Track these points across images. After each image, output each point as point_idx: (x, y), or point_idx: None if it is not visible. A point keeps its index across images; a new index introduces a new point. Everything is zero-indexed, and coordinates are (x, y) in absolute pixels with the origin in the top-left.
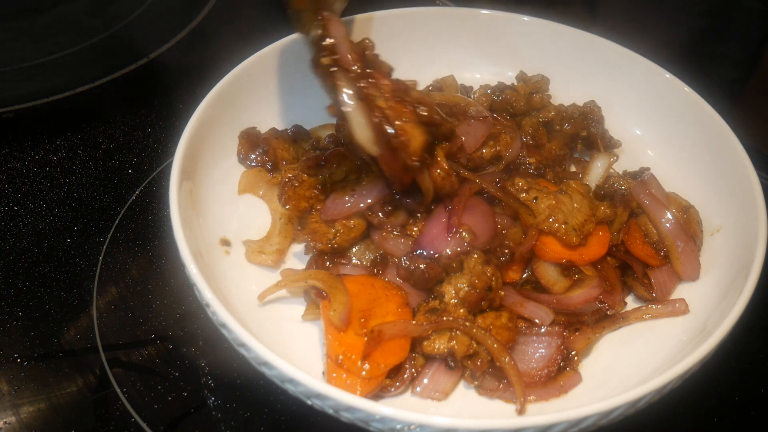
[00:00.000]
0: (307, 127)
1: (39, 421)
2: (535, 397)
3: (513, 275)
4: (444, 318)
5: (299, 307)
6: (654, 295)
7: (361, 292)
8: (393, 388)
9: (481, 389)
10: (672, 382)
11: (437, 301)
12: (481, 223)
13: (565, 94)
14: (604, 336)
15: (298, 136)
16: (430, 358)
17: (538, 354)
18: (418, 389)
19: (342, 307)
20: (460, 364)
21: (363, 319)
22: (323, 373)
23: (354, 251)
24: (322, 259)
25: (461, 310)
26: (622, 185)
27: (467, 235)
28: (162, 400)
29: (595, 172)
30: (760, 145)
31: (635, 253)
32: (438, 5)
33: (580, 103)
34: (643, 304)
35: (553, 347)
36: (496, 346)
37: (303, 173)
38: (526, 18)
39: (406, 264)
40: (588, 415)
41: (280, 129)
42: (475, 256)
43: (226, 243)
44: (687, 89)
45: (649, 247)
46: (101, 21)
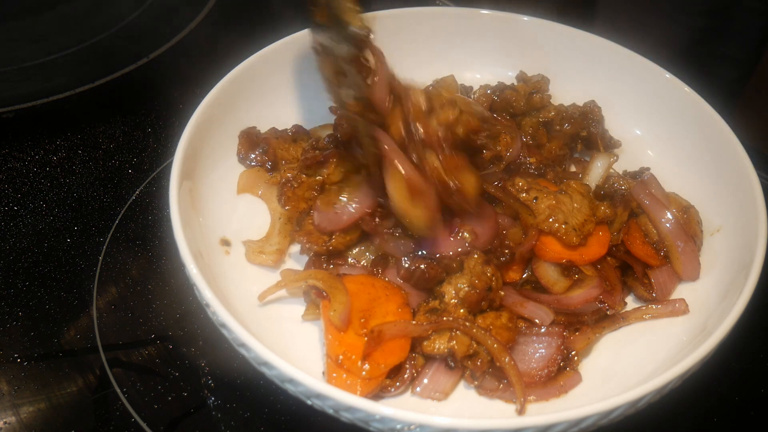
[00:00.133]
0: (307, 127)
1: (39, 421)
2: (535, 397)
3: (513, 275)
4: (444, 318)
5: (299, 307)
6: (654, 295)
7: (361, 292)
8: (393, 388)
9: (481, 389)
10: (672, 382)
11: (437, 301)
12: (482, 223)
13: (565, 94)
14: (604, 336)
15: (298, 136)
16: (430, 358)
17: (538, 354)
18: (418, 389)
19: (342, 307)
20: (460, 364)
21: (363, 319)
22: (323, 373)
23: (354, 251)
24: (319, 260)
25: (461, 310)
26: (622, 185)
27: (468, 236)
28: (162, 400)
29: (595, 172)
30: (760, 145)
31: (635, 253)
32: (438, 5)
33: (580, 103)
34: (643, 304)
35: (553, 347)
36: (496, 346)
37: (302, 173)
38: (526, 18)
39: (407, 264)
40: (588, 415)
41: (280, 129)
42: (476, 257)
43: (226, 243)
44: (687, 89)
45: (649, 247)
46: (101, 21)
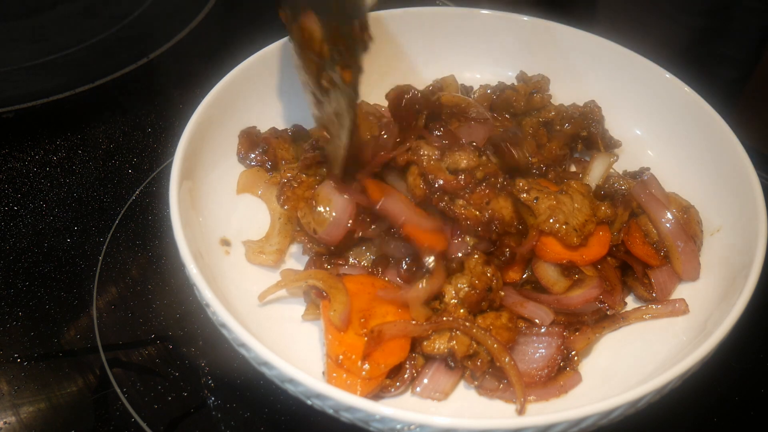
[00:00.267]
0: (307, 127)
1: (39, 421)
2: (535, 397)
3: (513, 275)
4: (444, 318)
5: (299, 307)
6: (654, 295)
7: (361, 292)
8: (393, 388)
9: (481, 389)
10: (672, 382)
11: (437, 301)
12: None
13: (565, 94)
14: (604, 336)
15: (297, 135)
16: (430, 358)
17: (538, 354)
18: (418, 389)
19: (342, 307)
20: (460, 364)
21: (363, 319)
22: (323, 373)
23: (354, 252)
24: (320, 260)
25: (461, 311)
26: (622, 185)
27: (470, 240)
28: (162, 400)
29: (596, 172)
30: (760, 145)
31: (635, 253)
32: (438, 5)
33: (580, 103)
34: (643, 304)
35: (553, 347)
36: (496, 346)
37: (302, 173)
38: (526, 18)
39: (407, 265)
40: (588, 415)
41: (280, 129)
42: (476, 257)
43: (226, 243)
44: (687, 89)
45: (649, 247)
46: (101, 21)
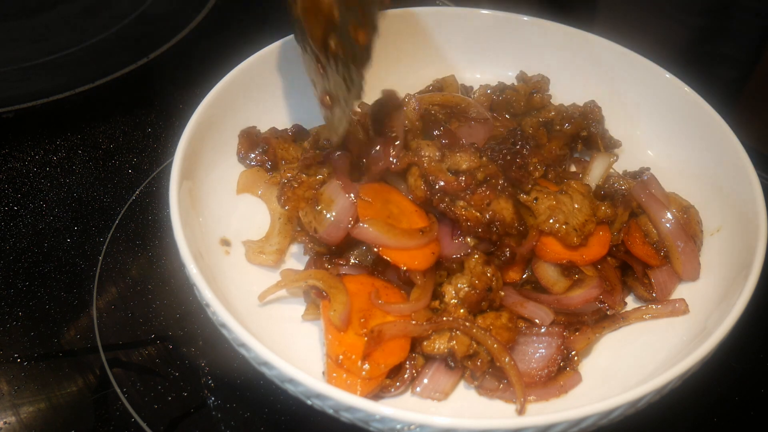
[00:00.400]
0: (307, 127)
1: (39, 421)
2: (535, 397)
3: (513, 275)
4: (444, 318)
5: (299, 307)
6: (654, 295)
7: (361, 292)
8: (393, 388)
9: (481, 389)
10: (672, 382)
11: (437, 301)
12: None
13: (565, 94)
14: (604, 336)
15: (298, 135)
16: (430, 358)
17: (538, 354)
18: (418, 389)
19: (342, 307)
20: (460, 364)
21: (363, 319)
22: (323, 373)
23: (354, 252)
24: (321, 259)
25: (461, 311)
26: (622, 185)
27: (471, 241)
28: (162, 400)
29: (595, 172)
30: (760, 145)
31: (635, 253)
32: (438, 5)
33: (580, 103)
34: (643, 304)
35: (553, 347)
36: (496, 346)
37: (302, 173)
38: (526, 18)
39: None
40: (588, 415)
41: (280, 129)
42: (476, 257)
43: (226, 243)
44: (687, 89)
45: (649, 247)
46: (101, 21)
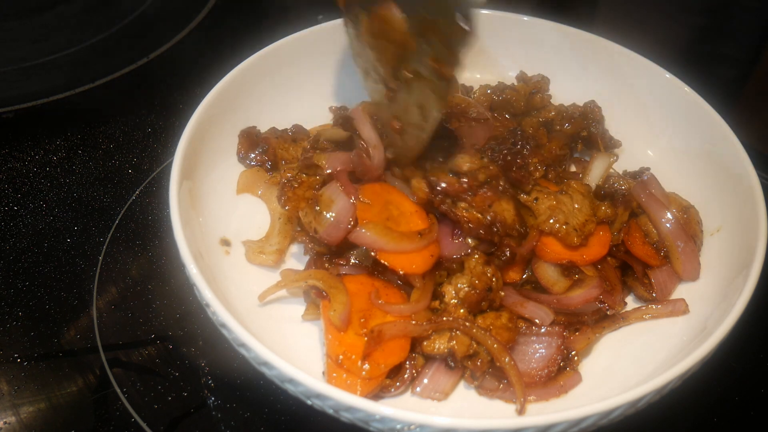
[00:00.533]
0: (307, 127)
1: (39, 421)
2: (535, 397)
3: (513, 275)
4: (444, 318)
5: (299, 307)
6: (654, 295)
7: (361, 292)
8: (393, 388)
9: (481, 389)
10: (672, 382)
11: (437, 301)
12: None
13: (565, 94)
14: (604, 336)
15: (298, 135)
16: (430, 358)
17: (538, 354)
18: (418, 389)
19: (342, 307)
20: (460, 364)
21: (363, 319)
22: (323, 373)
23: (354, 252)
24: (321, 259)
25: (461, 311)
26: (622, 185)
27: (471, 241)
28: (162, 400)
29: (596, 172)
30: (760, 145)
31: (635, 253)
32: None
33: (580, 103)
34: (643, 304)
35: (553, 347)
36: (496, 346)
37: (302, 173)
38: (526, 18)
39: None
40: (588, 415)
41: (280, 129)
42: (476, 257)
43: (226, 243)
44: (687, 89)
45: (649, 247)
46: (101, 21)
